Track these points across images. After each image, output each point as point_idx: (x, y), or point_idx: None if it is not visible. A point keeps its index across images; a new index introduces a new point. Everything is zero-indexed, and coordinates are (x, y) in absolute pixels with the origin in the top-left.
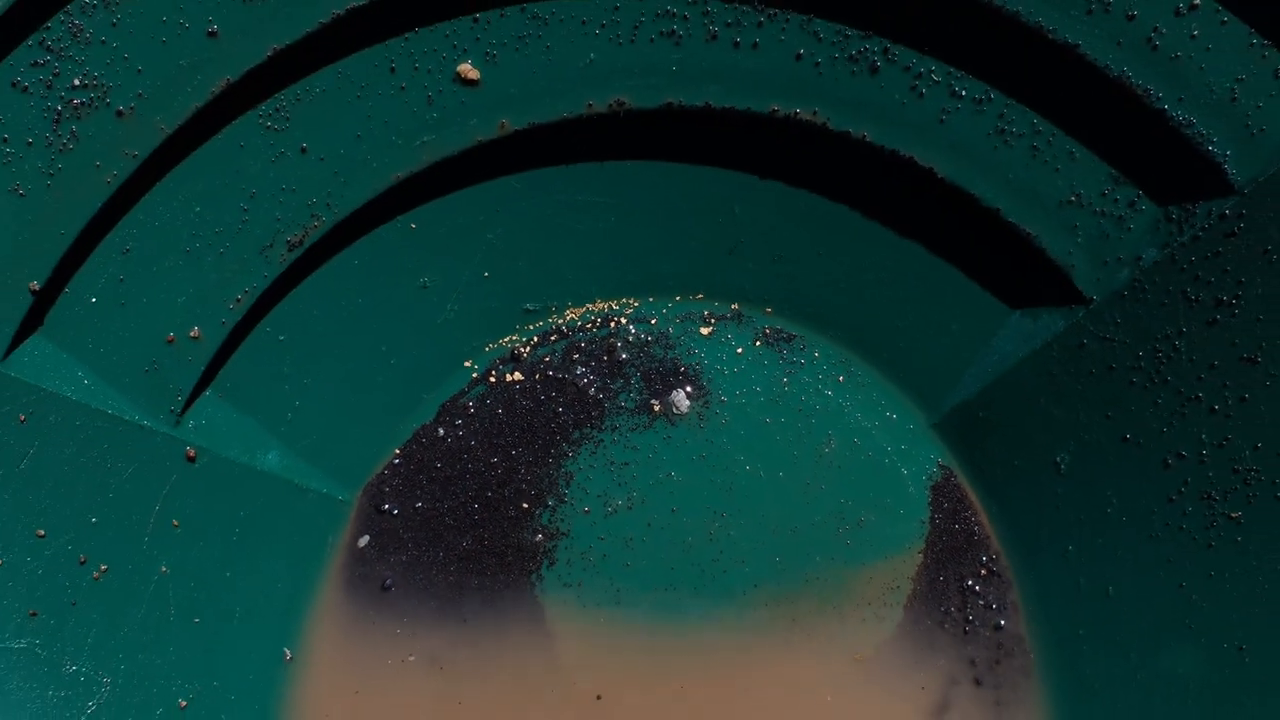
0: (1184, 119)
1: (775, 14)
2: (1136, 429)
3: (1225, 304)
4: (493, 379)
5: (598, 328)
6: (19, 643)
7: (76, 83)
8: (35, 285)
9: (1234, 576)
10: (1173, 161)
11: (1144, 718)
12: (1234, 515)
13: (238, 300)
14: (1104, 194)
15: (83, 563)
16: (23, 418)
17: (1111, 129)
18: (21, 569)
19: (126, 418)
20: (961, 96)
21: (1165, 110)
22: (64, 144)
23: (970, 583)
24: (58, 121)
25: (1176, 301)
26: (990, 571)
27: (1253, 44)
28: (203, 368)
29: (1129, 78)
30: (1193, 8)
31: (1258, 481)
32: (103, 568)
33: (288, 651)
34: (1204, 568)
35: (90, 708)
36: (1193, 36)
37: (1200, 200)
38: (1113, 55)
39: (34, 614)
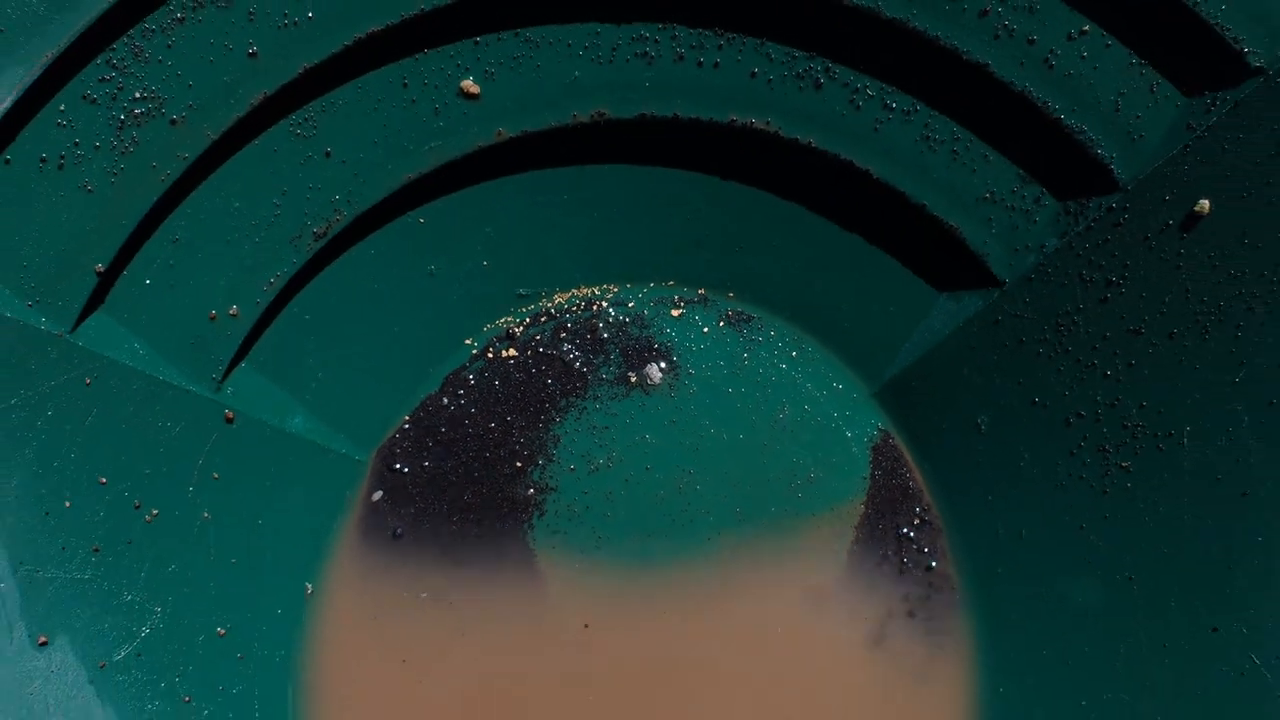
0: (1077, 127)
1: (733, 38)
2: (1043, 393)
3: (1114, 284)
4: (490, 355)
5: (582, 310)
6: (85, 574)
7: (137, 95)
8: (100, 267)
9: (1125, 517)
10: (1069, 163)
11: (1051, 641)
12: (1124, 465)
13: (270, 283)
14: (1013, 191)
15: (137, 507)
16: (88, 381)
17: (1018, 135)
18: (86, 511)
19: (175, 383)
20: (892, 109)
21: (1061, 119)
22: (125, 148)
23: (905, 530)
24: (121, 129)
25: (1074, 283)
26: (922, 520)
27: (1132, 63)
28: (239, 341)
29: (1030, 92)
30: (1082, 33)
31: (1144, 435)
32: (154, 512)
33: (309, 585)
34: (1100, 511)
35: (144, 632)
36: (1082, 57)
37: (1092, 196)
38: (1016, 73)
39: (97, 550)
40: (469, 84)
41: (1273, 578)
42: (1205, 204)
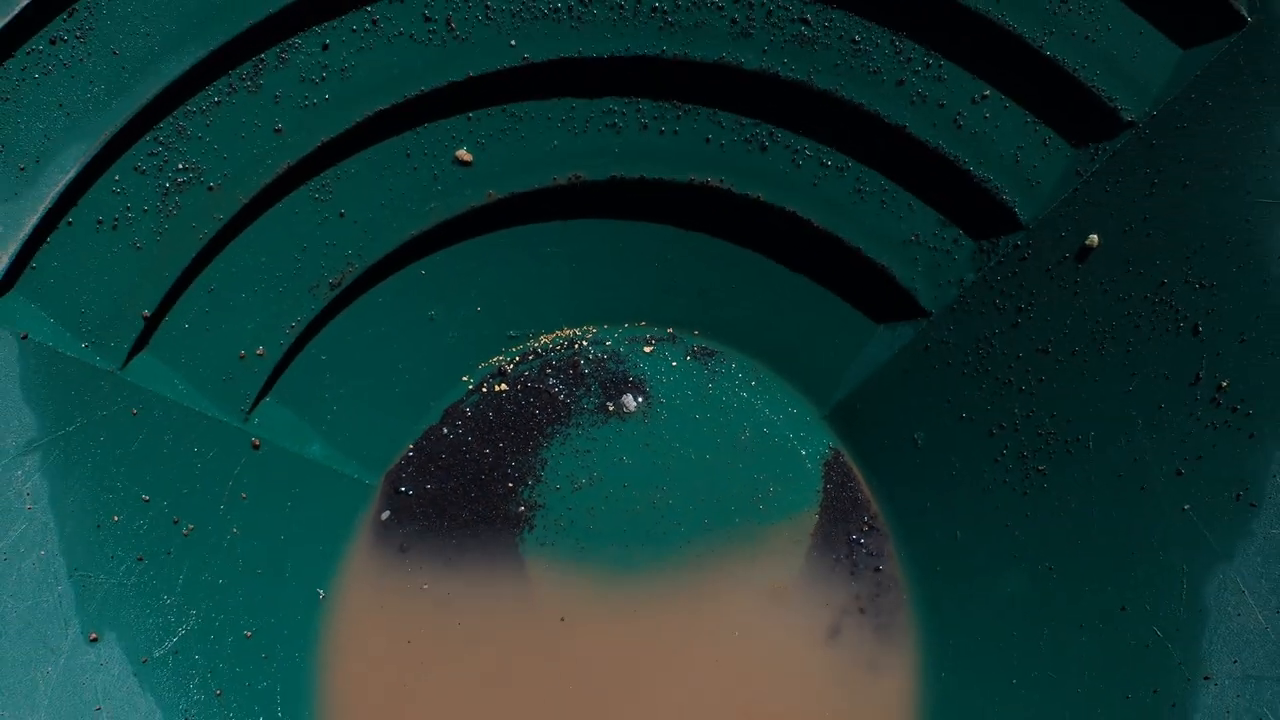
0: (983, 176)
1: (689, 108)
2: (969, 409)
3: (1023, 310)
4: (484, 389)
5: (565, 349)
6: (130, 580)
7: (180, 166)
8: (146, 313)
9: (1043, 515)
10: (979, 208)
11: (985, 628)
12: (1040, 469)
13: (291, 326)
14: (935, 234)
15: (175, 522)
16: (134, 411)
17: (936, 185)
18: (132, 525)
19: (209, 414)
20: (828, 165)
21: (970, 171)
22: (170, 211)
23: (855, 536)
24: (166, 195)
25: (990, 310)
26: (870, 527)
27: (1027, 121)
28: (265, 378)
29: (943, 148)
30: (984, 97)
31: (1055, 441)
32: (190, 527)
33: (321, 591)
34: (1022, 510)
35: (181, 632)
36: (985, 118)
37: (1000, 235)
38: (931, 133)
39: (140, 559)
40: (463, 153)
41: (1169, 560)
42: (1094, 238)
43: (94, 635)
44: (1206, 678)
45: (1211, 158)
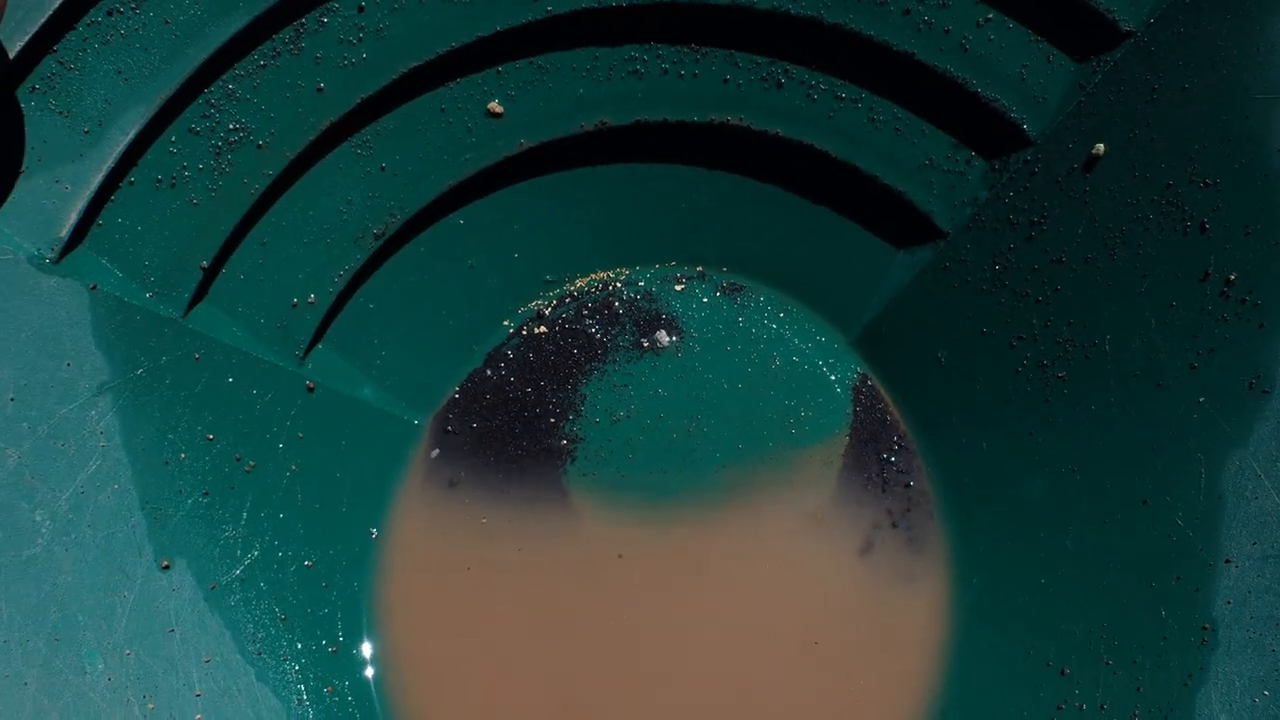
0: (991, 97)
1: (706, 51)
2: (989, 323)
3: (1036, 223)
4: (525, 332)
5: (599, 290)
6: (198, 512)
7: (231, 127)
8: (204, 265)
9: (1064, 419)
10: (989, 127)
11: (1012, 533)
12: (1060, 375)
13: (340, 275)
14: (948, 156)
15: (238, 460)
16: (197, 356)
17: (946, 110)
18: (198, 462)
19: (265, 359)
20: (842, 98)
21: (978, 92)
22: (223, 169)
23: (885, 455)
24: (219, 154)
25: (1004, 226)
26: (899, 446)
27: (1030, 40)
28: (316, 325)
29: (951, 72)
30: (988, 20)
31: (1073, 347)
32: (252, 464)
33: (373, 531)
34: (1044, 416)
35: (246, 560)
36: (990, 40)
37: (1011, 152)
38: (938, 58)
39: (206, 493)
40: (494, 105)
41: (1187, 452)
42: (1101, 147)
43: (166, 563)
44: (1227, 561)
45: (1208, 59)
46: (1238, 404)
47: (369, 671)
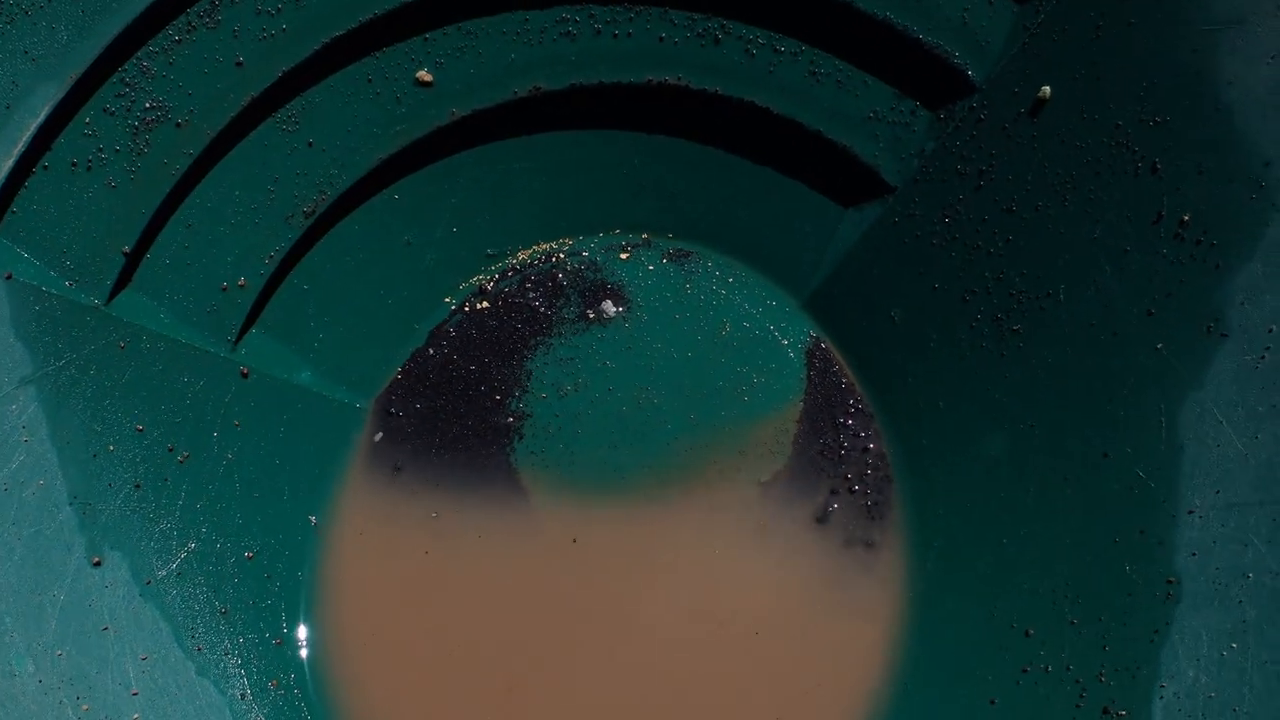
0: (933, 43)
1: (640, 10)
2: (941, 278)
3: (985, 172)
4: (467, 308)
5: (543, 262)
6: (129, 506)
7: (147, 105)
8: (126, 250)
9: (1021, 374)
10: (932, 75)
11: (972, 493)
12: (1015, 328)
13: (270, 257)
14: (892, 108)
15: (170, 450)
16: (122, 345)
17: (888, 60)
18: (128, 454)
19: (196, 345)
20: (781, 52)
21: (920, 39)
22: (140, 149)
23: (841, 419)
24: (136, 134)
25: (952, 176)
26: (855, 409)
27: None
28: (248, 309)
29: (891, 19)
30: None
31: (1027, 299)
32: (186, 454)
33: (313, 518)
34: (1000, 372)
35: (183, 554)
36: None
37: (956, 100)
38: (877, 5)
39: (138, 486)
40: (423, 74)
41: (1147, 401)
42: (1047, 90)
43: (97, 559)
44: (1190, 512)
45: None
46: (1196, 349)
47: (314, 662)
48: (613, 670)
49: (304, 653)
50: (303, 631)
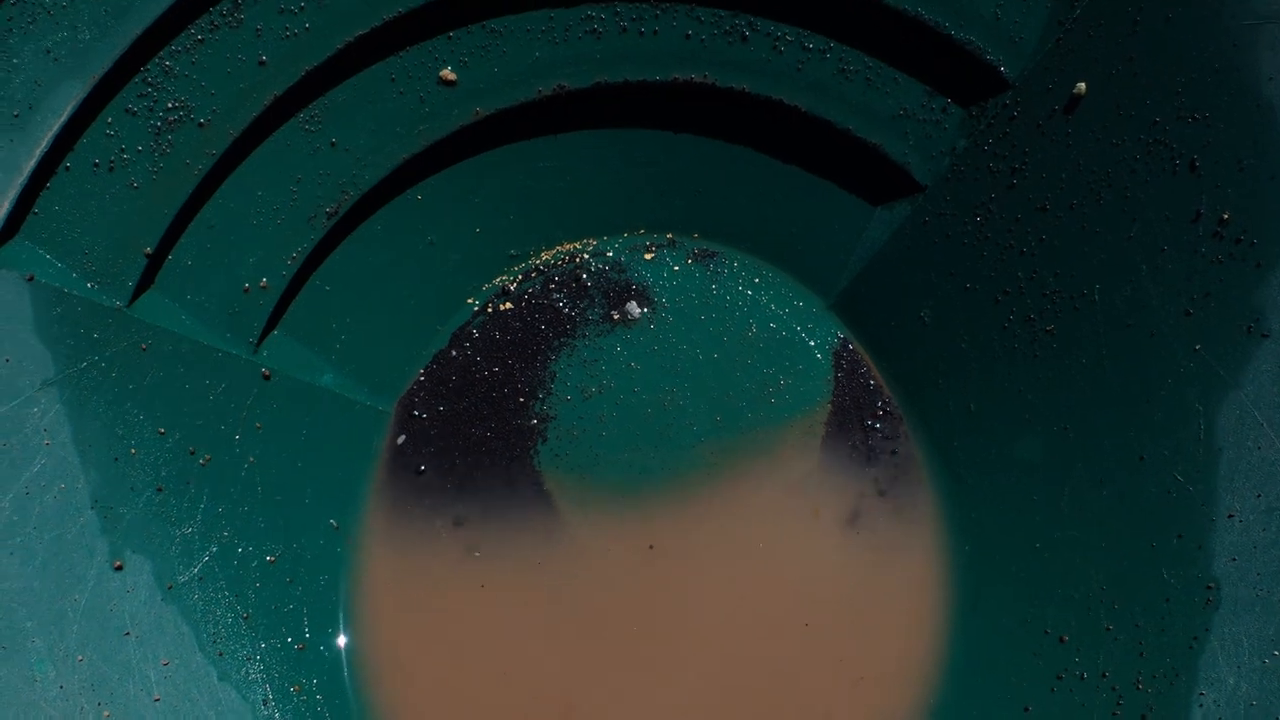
0: (965, 39)
1: (666, 7)
2: (973, 278)
3: (1018, 170)
4: (490, 309)
5: (566, 263)
6: (151, 510)
7: (170, 105)
8: (149, 251)
9: (1054, 375)
10: (964, 72)
11: (1005, 497)
12: (1049, 329)
13: (293, 258)
14: (923, 105)
15: (192, 453)
16: (144, 347)
17: (919, 56)
18: (149, 457)
19: (218, 347)
20: (810, 49)
21: (952, 35)
22: (163, 149)
23: (869, 421)
24: (158, 134)
25: (984, 175)
26: (884, 411)
27: None
28: (270, 310)
29: (922, 15)
30: None
31: (1061, 299)
32: (207, 457)
33: (335, 521)
34: (1033, 373)
35: (205, 557)
36: None
37: (988, 97)
38: (908, 1)
39: (160, 489)
40: (447, 73)
41: (1185, 403)
42: (1082, 86)
43: (118, 563)
44: (1230, 515)
45: None
46: (1236, 349)
47: (337, 668)
48: (652, 674)
49: (331, 659)
50: (327, 639)
